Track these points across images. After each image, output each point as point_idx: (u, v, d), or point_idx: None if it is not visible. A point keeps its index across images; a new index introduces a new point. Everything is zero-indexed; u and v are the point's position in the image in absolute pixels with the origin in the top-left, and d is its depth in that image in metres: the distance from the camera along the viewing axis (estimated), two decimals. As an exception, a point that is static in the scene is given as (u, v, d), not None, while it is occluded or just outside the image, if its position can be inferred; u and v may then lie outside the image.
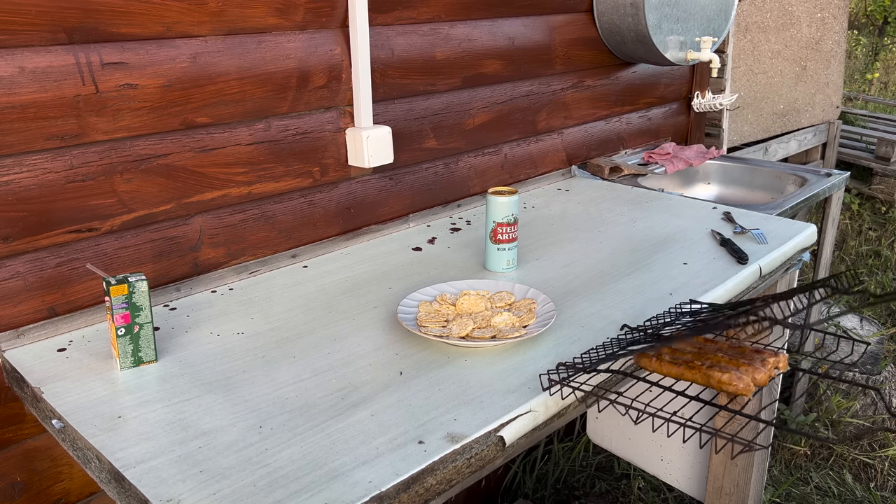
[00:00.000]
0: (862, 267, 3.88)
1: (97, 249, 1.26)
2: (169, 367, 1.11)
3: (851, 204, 4.70)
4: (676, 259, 1.50)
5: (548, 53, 1.99)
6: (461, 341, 1.14)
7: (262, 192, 1.46)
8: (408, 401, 1.01)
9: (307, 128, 1.50)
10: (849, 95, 6.63)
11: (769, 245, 1.56)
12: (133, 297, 1.08)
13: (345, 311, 1.29)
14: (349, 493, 0.83)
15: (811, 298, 0.90)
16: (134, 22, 1.21)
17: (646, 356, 0.97)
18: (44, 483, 1.25)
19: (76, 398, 1.03)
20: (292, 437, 0.93)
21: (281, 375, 1.08)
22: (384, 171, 1.68)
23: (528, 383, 1.05)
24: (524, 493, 2.27)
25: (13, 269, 1.17)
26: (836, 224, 2.47)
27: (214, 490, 0.84)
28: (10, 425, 1.20)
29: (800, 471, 2.39)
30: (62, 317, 1.23)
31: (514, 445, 0.98)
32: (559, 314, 1.26)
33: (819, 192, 2.18)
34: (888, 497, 2.29)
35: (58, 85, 1.15)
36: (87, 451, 0.95)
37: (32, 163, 1.15)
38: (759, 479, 1.86)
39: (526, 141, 2.01)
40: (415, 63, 1.66)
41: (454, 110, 1.79)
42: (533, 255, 1.55)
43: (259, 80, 1.40)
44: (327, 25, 1.48)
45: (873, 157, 4.84)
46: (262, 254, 1.49)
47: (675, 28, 2.08)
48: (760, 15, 3.12)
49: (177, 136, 1.31)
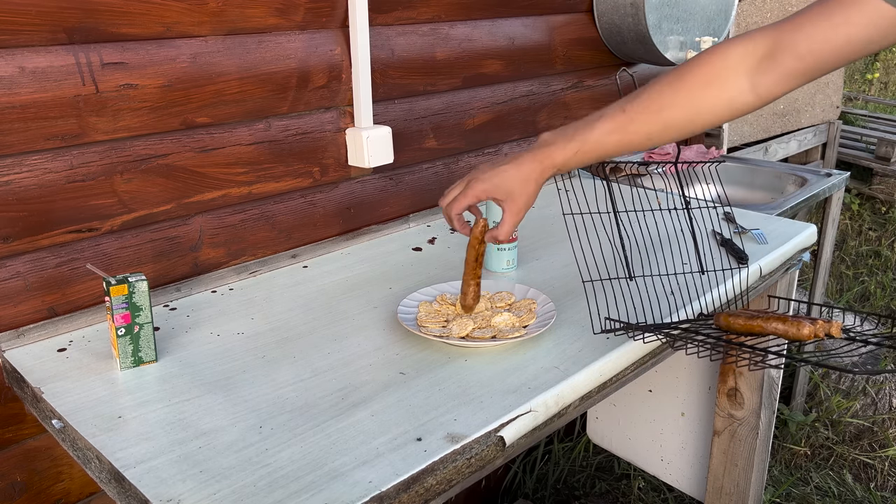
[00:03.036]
0: (862, 267, 3.88)
1: (97, 249, 1.26)
2: (169, 367, 1.11)
3: (851, 204, 4.70)
4: (676, 259, 1.50)
5: (548, 53, 1.99)
6: (461, 341, 1.14)
7: (263, 192, 1.46)
8: (408, 401, 1.01)
9: (307, 128, 1.50)
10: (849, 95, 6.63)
11: (769, 245, 1.56)
12: (133, 297, 1.08)
13: (345, 311, 1.29)
14: (349, 493, 0.83)
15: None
16: (134, 22, 1.21)
17: (725, 315, 1.09)
18: (44, 483, 1.25)
19: (76, 398, 1.03)
20: (292, 437, 0.93)
21: (281, 375, 1.08)
22: (384, 171, 1.68)
23: (528, 383, 1.05)
24: (524, 493, 2.27)
25: (13, 269, 1.17)
26: (836, 224, 2.48)
27: (214, 490, 0.84)
28: (10, 425, 1.20)
29: (800, 471, 2.39)
30: (62, 317, 1.23)
31: (514, 445, 0.98)
32: (559, 314, 1.26)
33: (819, 192, 2.18)
34: (888, 497, 2.29)
35: (58, 85, 1.15)
36: (87, 451, 0.95)
37: (32, 163, 1.15)
38: (759, 479, 1.86)
39: (526, 141, 2.01)
40: (415, 63, 1.66)
41: (454, 110, 1.79)
42: (533, 255, 1.55)
43: (259, 80, 1.40)
44: (327, 25, 1.48)
45: (873, 157, 4.84)
46: (262, 254, 1.49)
47: (675, 28, 2.08)
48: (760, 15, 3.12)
49: (177, 136, 1.31)
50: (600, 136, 1.06)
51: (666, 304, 1.30)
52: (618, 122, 1.05)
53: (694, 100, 1.02)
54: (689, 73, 1.02)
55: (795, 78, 0.96)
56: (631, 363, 1.17)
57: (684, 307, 1.29)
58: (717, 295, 1.35)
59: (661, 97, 1.03)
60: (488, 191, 1.11)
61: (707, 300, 1.32)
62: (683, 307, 1.29)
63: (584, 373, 1.08)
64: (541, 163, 1.08)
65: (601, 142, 1.06)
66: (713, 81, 1.00)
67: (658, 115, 1.03)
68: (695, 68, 1.02)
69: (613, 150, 1.07)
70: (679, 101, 1.02)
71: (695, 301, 1.31)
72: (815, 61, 0.93)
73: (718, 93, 1.00)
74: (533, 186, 1.10)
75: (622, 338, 1.17)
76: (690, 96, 1.01)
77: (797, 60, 0.94)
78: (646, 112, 1.04)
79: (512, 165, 1.10)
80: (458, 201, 1.13)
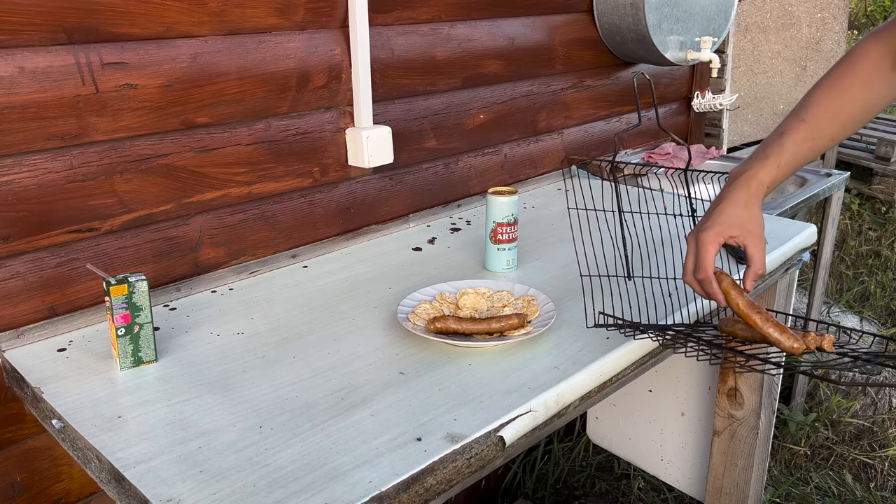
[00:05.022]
0: (862, 267, 3.88)
1: (97, 249, 1.26)
2: (169, 367, 1.11)
3: (851, 204, 4.70)
4: (676, 259, 1.50)
5: (548, 53, 1.99)
6: (461, 341, 1.14)
7: (262, 192, 1.46)
8: (408, 401, 1.01)
9: (307, 128, 1.50)
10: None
11: (769, 245, 1.56)
12: (133, 297, 1.08)
13: (345, 311, 1.29)
14: (349, 493, 0.83)
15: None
16: (134, 22, 1.21)
17: (731, 319, 1.13)
18: (44, 483, 1.25)
19: (76, 398, 1.03)
20: (292, 437, 0.93)
21: (281, 375, 1.08)
22: (384, 171, 1.68)
23: (528, 383, 1.05)
24: (524, 493, 2.27)
25: (13, 269, 1.17)
26: (836, 224, 2.47)
27: (214, 490, 0.84)
28: (10, 425, 1.20)
29: (800, 471, 2.39)
30: (62, 317, 1.23)
31: (514, 445, 0.98)
32: (559, 314, 1.26)
33: (819, 192, 2.18)
34: (888, 497, 2.29)
35: (58, 85, 1.15)
36: (87, 451, 0.95)
37: (32, 163, 1.15)
38: (759, 479, 1.86)
39: (526, 141, 2.01)
40: (415, 63, 1.66)
41: (454, 110, 1.79)
42: (533, 255, 1.55)
43: (259, 80, 1.40)
44: (327, 25, 1.48)
45: (873, 157, 4.84)
46: (262, 254, 1.49)
47: (675, 28, 2.08)
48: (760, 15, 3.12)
49: (177, 136, 1.31)
50: (794, 147, 1.11)
51: (662, 305, 1.30)
52: (805, 133, 1.12)
53: (859, 101, 1.12)
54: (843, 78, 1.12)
55: None
56: (631, 363, 1.17)
57: (681, 309, 1.29)
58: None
59: (831, 103, 1.13)
60: (722, 233, 1.08)
61: (706, 300, 1.32)
62: (680, 309, 1.29)
63: (584, 373, 1.08)
64: (748, 186, 1.10)
65: (796, 152, 1.12)
66: (869, 82, 1.11)
67: (836, 119, 1.12)
68: (846, 74, 1.12)
69: (805, 157, 1.13)
70: (848, 104, 1.12)
71: (692, 303, 1.31)
72: None
73: (879, 89, 1.12)
74: (755, 208, 1.11)
75: (622, 338, 1.17)
76: (854, 99, 1.12)
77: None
78: (823, 118, 1.12)
79: (726, 203, 1.10)
80: (702, 259, 1.09)
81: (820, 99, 1.13)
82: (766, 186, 1.10)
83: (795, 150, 1.11)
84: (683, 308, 1.28)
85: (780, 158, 1.10)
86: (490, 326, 1.15)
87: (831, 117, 1.12)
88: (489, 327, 1.15)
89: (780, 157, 1.10)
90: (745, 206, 1.09)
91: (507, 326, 1.15)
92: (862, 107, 1.13)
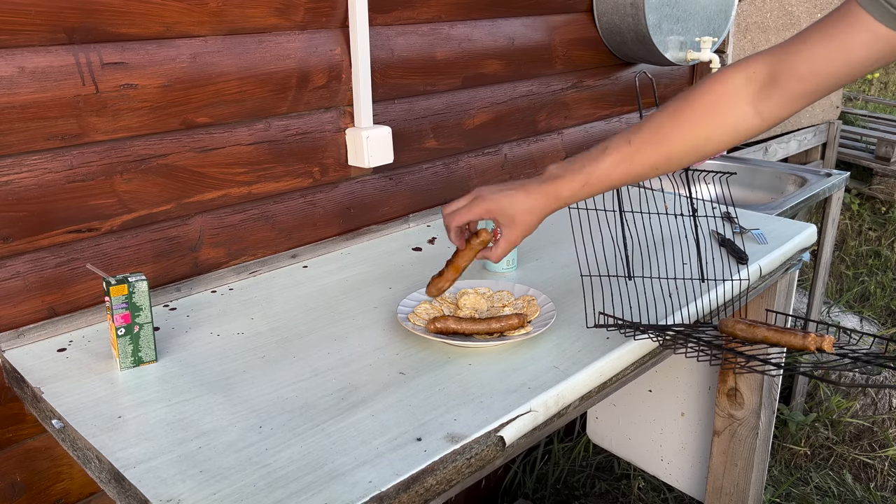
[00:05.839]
0: (862, 267, 3.88)
1: (97, 249, 1.26)
2: (169, 367, 1.11)
3: (851, 204, 4.70)
4: (676, 259, 1.50)
5: (548, 53, 1.99)
6: (461, 341, 1.14)
7: (262, 192, 1.46)
8: (408, 401, 1.01)
9: (307, 128, 1.50)
10: (849, 95, 6.63)
11: (769, 245, 1.56)
12: (133, 297, 1.08)
13: (345, 311, 1.29)
14: (349, 493, 0.83)
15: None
16: (134, 22, 1.21)
17: (731, 319, 1.12)
18: (44, 483, 1.25)
19: (76, 398, 1.03)
20: (292, 437, 0.93)
21: (281, 375, 1.08)
22: (384, 171, 1.68)
23: (528, 383, 1.05)
24: (524, 493, 2.27)
25: (13, 269, 1.17)
26: (836, 224, 2.48)
27: (214, 490, 0.84)
28: (10, 425, 1.20)
29: (800, 471, 2.39)
30: (62, 317, 1.23)
31: (514, 445, 0.98)
32: (559, 314, 1.26)
33: (819, 192, 2.18)
34: (888, 497, 2.29)
35: (58, 85, 1.15)
36: (87, 451, 0.95)
37: (32, 163, 1.15)
38: (759, 479, 1.86)
39: (526, 141, 2.01)
40: (415, 63, 1.66)
41: (454, 110, 1.79)
42: (533, 255, 1.55)
43: (259, 80, 1.40)
44: (327, 25, 1.48)
45: (873, 157, 4.84)
46: (262, 254, 1.49)
47: (675, 28, 2.08)
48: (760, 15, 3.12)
49: (177, 136, 1.31)
50: (607, 168, 1.07)
51: (663, 305, 1.30)
52: (623, 154, 1.06)
53: (697, 130, 1.03)
54: (690, 103, 1.03)
55: (799, 100, 0.97)
56: (631, 363, 1.17)
57: (681, 309, 1.29)
58: (715, 296, 1.35)
59: (662, 128, 1.04)
60: (492, 211, 1.12)
61: (706, 301, 1.32)
62: (680, 309, 1.29)
63: (583, 373, 1.08)
64: (547, 196, 1.10)
65: (608, 174, 1.07)
66: (715, 110, 1.01)
67: (662, 147, 1.04)
68: (696, 98, 1.02)
69: (619, 181, 1.08)
70: (682, 132, 1.03)
71: (692, 302, 1.31)
72: (818, 82, 0.94)
73: (722, 121, 1.01)
74: (536, 218, 1.12)
75: (622, 338, 1.17)
76: (693, 126, 1.03)
77: (800, 83, 0.95)
78: (649, 143, 1.05)
79: (521, 192, 1.10)
80: (461, 214, 1.14)
81: (655, 121, 1.05)
82: (563, 202, 1.10)
83: (608, 172, 1.07)
84: (683, 308, 1.28)
85: (589, 177, 1.07)
86: (490, 326, 1.15)
87: (658, 143, 1.04)
88: (489, 327, 1.15)
89: (591, 177, 1.07)
90: (529, 212, 1.11)
91: (507, 326, 1.15)
92: (701, 138, 1.03)
